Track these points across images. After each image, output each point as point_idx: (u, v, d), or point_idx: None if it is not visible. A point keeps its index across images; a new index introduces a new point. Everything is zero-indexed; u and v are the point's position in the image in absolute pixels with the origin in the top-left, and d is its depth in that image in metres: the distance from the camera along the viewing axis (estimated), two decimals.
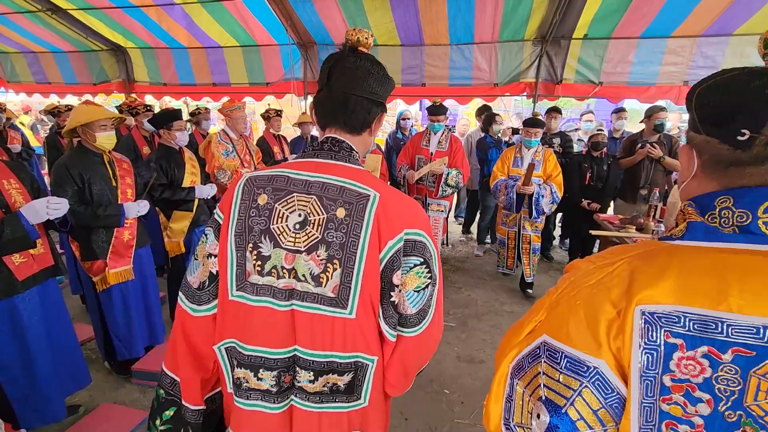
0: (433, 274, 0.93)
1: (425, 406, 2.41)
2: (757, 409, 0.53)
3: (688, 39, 4.02)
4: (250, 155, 3.68)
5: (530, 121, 3.61)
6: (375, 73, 0.93)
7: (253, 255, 0.89)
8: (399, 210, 0.89)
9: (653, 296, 0.56)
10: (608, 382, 0.58)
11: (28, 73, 6.41)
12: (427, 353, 1.02)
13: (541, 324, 0.68)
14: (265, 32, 4.89)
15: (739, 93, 0.58)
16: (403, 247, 0.88)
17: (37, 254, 1.90)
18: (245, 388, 0.94)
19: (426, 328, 0.95)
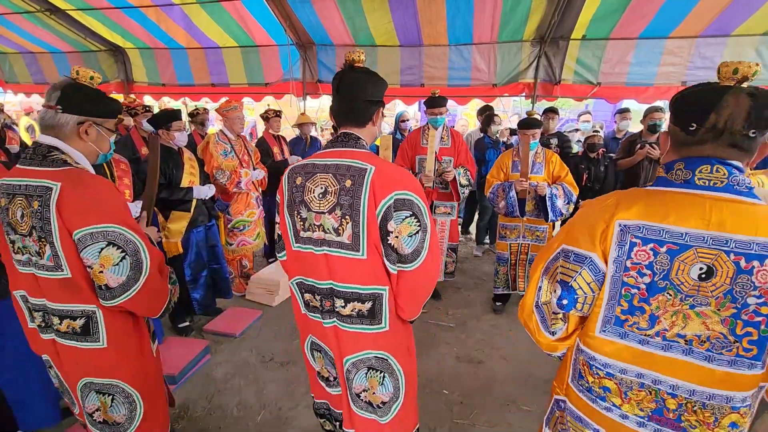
0: (422, 224, 1.26)
1: (424, 406, 2.41)
2: (676, 280, 0.95)
3: (686, 40, 4.03)
4: (248, 155, 3.68)
5: (526, 121, 3.20)
6: (370, 80, 1.32)
7: (298, 218, 1.32)
8: (389, 177, 1.23)
9: (627, 215, 0.98)
10: (597, 266, 1.02)
11: (27, 74, 6.40)
12: (426, 283, 1.35)
13: (561, 239, 1.12)
14: (264, 33, 4.89)
15: (691, 100, 0.96)
16: (395, 204, 1.22)
17: None
18: (311, 306, 1.40)
19: (421, 264, 1.29)
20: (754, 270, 0.88)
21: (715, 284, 0.91)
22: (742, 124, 0.89)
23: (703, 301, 0.93)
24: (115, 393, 1.41)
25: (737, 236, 0.88)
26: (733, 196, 0.91)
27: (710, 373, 0.95)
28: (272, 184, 4.12)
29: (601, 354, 1.06)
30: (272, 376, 2.66)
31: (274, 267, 3.99)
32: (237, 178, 3.49)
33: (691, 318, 0.95)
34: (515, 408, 2.41)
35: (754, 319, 0.90)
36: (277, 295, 3.63)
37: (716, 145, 0.93)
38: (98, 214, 1.24)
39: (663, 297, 0.96)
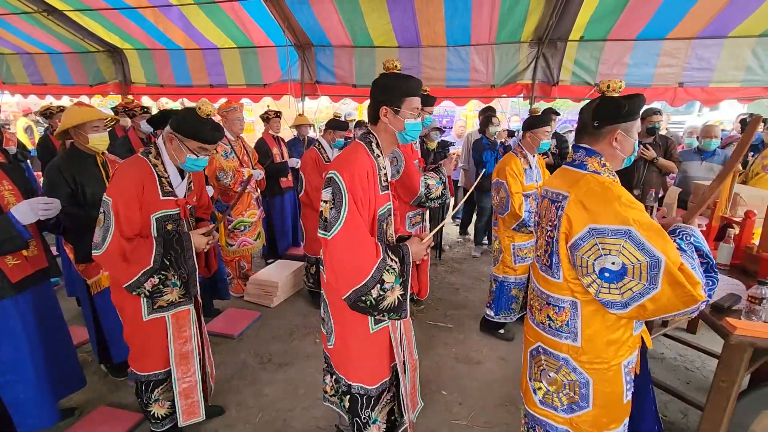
0: (335, 201, 1.41)
1: (423, 407, 2.40)
2: (541, 218, 1.47)
3: (683, 41, 4.05)
4: (248, 156, 3.67)
5: (533, 120, 2.85)
6: (380, 84, 1.51)
7: None
8: (338, 160, 1.51)
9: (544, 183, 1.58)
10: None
11: (24, 75, 6.39)
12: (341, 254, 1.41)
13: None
14: (263, 34, 4.89)
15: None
16: (327, 180, 1.44)
17: (30, 256, 1.89)
18: None
19: (336, 235, 1.39)
20: (550, 208, 1.38)
21: (546, 218, 1.41)
22: (590, 119, 1.36)
23: (543, 231, 1.43)
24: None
25: (552, 189, 1.40)
26: (569, 167, 1.40)
27: (539, 275, 1.46)
28: (270, 185, 4.11)
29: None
30: (270, 378, 2.65)
31: (272, 268, 3.98)
32: (240, 177, 3.49)
33: (541, 240, 1.45)
34: (514, 408, 2.41)
35: (548, 240, 1.38)
36: (276, 296, 3.63)
37: (581, 135, 1.41)
38: (111, 186, 1.69)
39: (539, 229, 1.48)
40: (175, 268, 1.74)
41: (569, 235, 1.28)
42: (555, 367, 1.43)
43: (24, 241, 1.75)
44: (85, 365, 2.66)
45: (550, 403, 1.46)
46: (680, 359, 2.95)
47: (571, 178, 1.33)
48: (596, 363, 1.35)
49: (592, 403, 1.38)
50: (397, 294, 1.47)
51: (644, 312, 1.22)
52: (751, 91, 4.14)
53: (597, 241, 1.21)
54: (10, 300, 1.83)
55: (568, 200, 1.29)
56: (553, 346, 1.42)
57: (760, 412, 1.76)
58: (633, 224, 1.16)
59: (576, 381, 1.39)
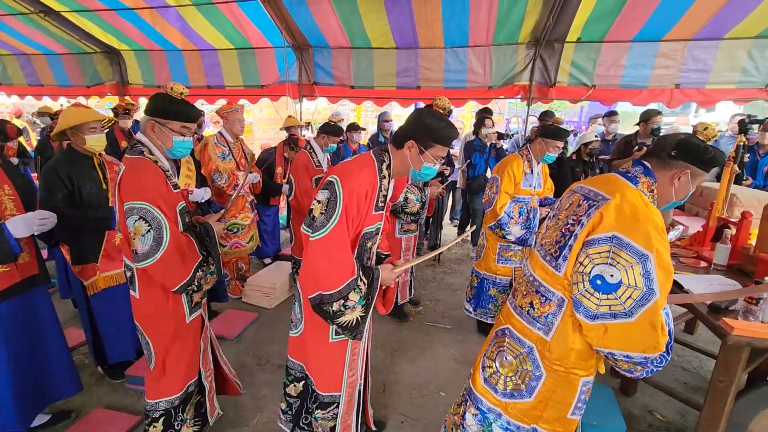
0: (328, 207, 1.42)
1: (422, 408, 2.41)
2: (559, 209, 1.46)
3: (680, 42, 4.07)
4: (245, 158, 3.67)
5: (557, 131, 2.69)
6: (416, 120, 1.49)
7: None
8: (341, 166, 1.53)
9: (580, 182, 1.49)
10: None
11: (21, 75, 6.37)
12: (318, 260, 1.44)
13: None
14: (260, 35, 4.89)
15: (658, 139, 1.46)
16: (325, 183, 1.47)
17: (21, 263, 1.85)
18: None
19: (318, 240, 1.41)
20: (581, 204, 1.33)
21: (567, 212, 1.37)
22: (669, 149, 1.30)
23: (558, 222, 1.40)
24: (139, 335, 1.77)
25: (591, 188, 1.35)
26: (619, 176, 1.35)
27: (538, 262, 1.43)
28: (261, 197, 4.06)
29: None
30: (268, 379, 2.64)
31: (270, 269, 3.97)
32: (235, 180, 3.48)
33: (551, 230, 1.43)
34: None
35: (565, 232, 1.33)
36: (273, 297, 3.62)
37: (651, 157, 1.35)
38: (138, 192, 1.57)
39: (553, 220, 1.45)
40: (213, 256, 1.77)
41: (591, 232, 1.25)
42: (516, 352, 1.43)
43: (13, 255, 1.71)
44: (81, 367, 2.65)
45: (494, 384, 1.47)
46: (678, 359, 2.96)
47: (619, 185, 1.29)
48: (557, 364, 1.34)
49: (535, 396, 1.38)
50: (357, 314, 1.48)
51: (602, 335, 1.20)
52: (747, 93, 4.17)
53: (612, 250, 1.18)
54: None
55: (608, 202, 1.24)
56: (522, 332, 1.43)
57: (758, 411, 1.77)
58: (654, 253, 1.13)
59: (530, 372, 1.39)
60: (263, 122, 8.40)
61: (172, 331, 1.75)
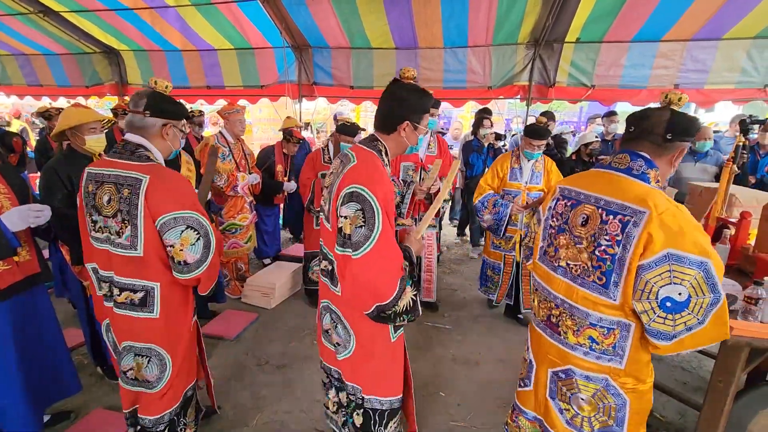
0: (366, 219, 1.35)
1: (421, 409, 2.40)
2: (571, 224, 1.33)
3: (679, 43, 4.08)
4: (245, 159, 3.66)
5: (534, 130, 2.97)
6: (400, 96, 1.48)
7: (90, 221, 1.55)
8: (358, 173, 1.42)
9: (563, 182, 1.45)
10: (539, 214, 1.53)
11: (20, 76, 6.36)
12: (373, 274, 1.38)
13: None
14: (260, 35, 4.89)
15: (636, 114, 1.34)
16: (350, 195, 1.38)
17: (22, 261, 1.85)
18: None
19: (365, 255, 1.35)
20: (609, 222, 1.23)
21: (588, 229, 1.28)
22: (662, 129, 1.25)
23: (581, 241, 1.30)
24: (152, 356, 1.66)
25: (606, 197, 1.26)
26: (623, 175, 1.27)
27: (576, 291, 1.32)
28: (262, 196, 4.04)
29: (536, 275, 1.50)
30: (268, 380, 2.64)
31: (270, 270, 3.97)
32: (234, 181, 3.48)
33: (574, 252, 1.32)
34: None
35: (603, 256, 1.24)
36: (273, 298, 3.62)
37: (640, 142, 1.29)
38: (180, 201, 1.52)
39: (563, 236, 1.36)
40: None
41: (643, 255, 1.15)
42: (591, 390, 1.33)
43: (12, 249, 1.71)
44: (80, 368, 2.65)
45: (579, 426, 1.39)
46: (677, 359, 2.96)
47: (635, 190, 1.21)
48: (638, 383, 1.29)
49: (627, 424, 1.32)
50: (410, 295, 1.46)
51: (680, 346, 1.18)
52: (746, 93, 4.18)
53: (671, 268, 1.11)
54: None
55: (647, 217, 1.14)
56: (591, 369, 1.32)
57: (757, 411, 1.77)
58: (711, 257, 1.09)
59: (612, 404, 1.31)
60: (263, 122, 8.40)
61: (187, 344, 1.75)
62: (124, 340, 1.65)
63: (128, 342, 1.65)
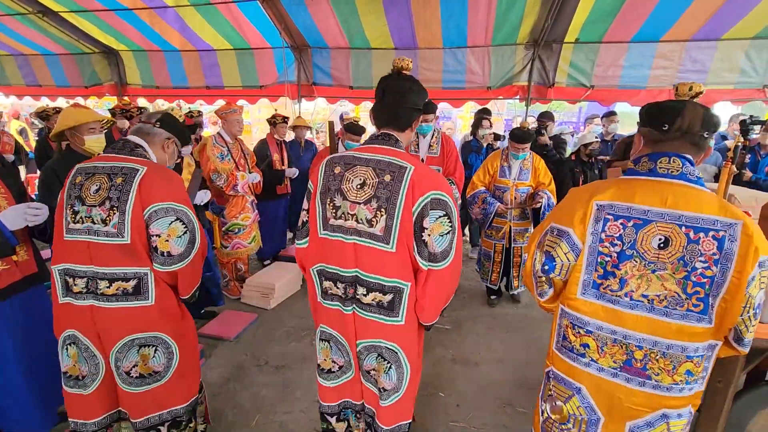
0: (453, 224, 1.36)
1: (421, 409, 2.40)
2: (641, 249, 1.15)
3: (678, 43, 4.09)
4: (245, 158, 3.66)
5: (517, 135, 3.26)
6: (413, 89, 1.43)
7: (330, 206, 1.40)
8: (428, 178, 1.35)
9: (602, 197, 1.21)
10: (573, 240, 1.23)
11: (19, 76, 6.35)
12: (450, 286, 1.46)
13: (549, 219, 1.33)
14: (259, 35, 4.89)
15: (661, 108, 1.21)
16: (431, 203, 1.32)
17: (20, 261, 1.84)
18: (330, 293, 1.48)
19: (449, 264, 1.38)
20: (700, 240, 1.09)
21: (671, 252, 1.12)
22: (699, 126, 1.15)
23: (662, 267, 1.13)
24: (158, 344, 1.62)
25: (687, 213, 1.10)
26: (684, 182, 1.14)
27: (668, 326, 1.14)
28: (264, 190, 4.06)
29: (582, 314, 1.25)
30: (267, 380, 2.64)
31: (269, 270, 3.97)
32: (233, 181, 3.48)
33: (653, 280, 1.14)
34: (511, 410, 2.41)
35: (701, 281, 1.11)
36: (273, 298, 3.61)
37: (680, 143, 1.18)
38: (173, 194, 1.55)
39: (630, 263, 1.16)
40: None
41: (746, 270, 1.07)
42: (680, 427, 1.22)
43: (10, 247, 1.71)
44: None
45: None
46: None
47: (709, 200, 1.11)
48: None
49: None
50: None
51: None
52: (745, 93, 4.19)
53: (762, 274, 1.08)
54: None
55: (741, 228, 1.07)
56: (683, 404, 1.20)
57: (756, 412, 1.77)
58: None
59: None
60: (262, 123, 8.39)
61: (186, 331, 1.75)
62: (121, 338, 1.57)
63: (129, 336, 1.57)
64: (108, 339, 1.57)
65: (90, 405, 1.63)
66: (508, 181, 3.40)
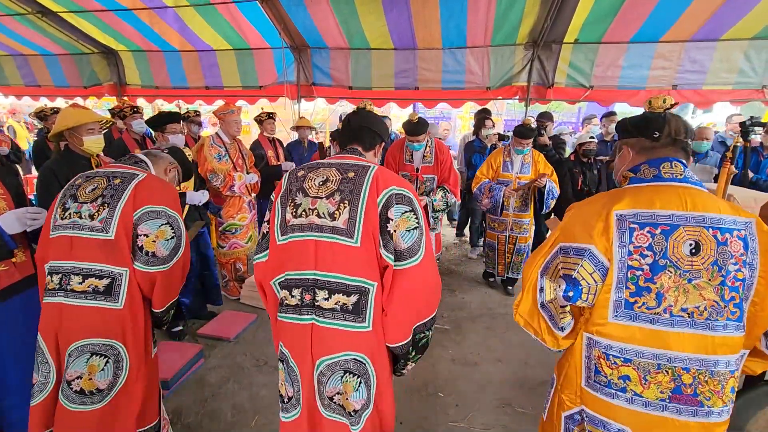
0: (419, 222, 1.29)
1: (420, 410, 2.40)
2: (674, 257, 1.05)
3: (677, 44, 4.09)
4: (243, 159, 3.66)
5: (521, 132, 3.53)
6: (377, 119, 1.55)
7: (291, 206, 1.32)
8: (392, 177, 1.33)
9: (620, 206, 1.10)
10: (597, 257, 1.10)
11: (18, 76, 6.33)
12: (422, 296, 1.30)
13: (556, 239, 1.21)
14: (258, 36, 4.88)
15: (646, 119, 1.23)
16: (395, 196, 1.27)
17: (19, 262, 1.84)
18: (286, 305, 1.33)
19: (418, 264, 1.26)
20: (728, 242, 1.04)
21: (703, 257, 1.05)
22: (684, 134, 1.18)
23: (697, 274, 1.04)
24: (110, 356, 1.50)
25: (710, 215, 1.06)
26: (690, 185, 1.12)
27: (711, 340, 1.04)
28: (265, 188, 4.08)
29: (617, 340, 1.09)
30: (267, 381, 2.64)
31: None
32: (230, 181, 3.48)
33: (690, 291, 1.05)
34: (510, 410, 2.41)
35: (735, 285, 1.04)
36: None
37: (673, 149, 1.18)
38: (167, 200, 1.60)
39: (666, 275, 1.05)
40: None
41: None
42: None
43: (8, 250, 1.72)
44: None
45: None
46: None
47: (718, 200, 1.10)
48: None
49: None
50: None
51: None
52: (744, 93, 4.19)
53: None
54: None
55: (756, 226, 1.07)
56: (726, 426, 1.11)
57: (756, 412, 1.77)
58: None
59: None
60: None
61: (146, 348, 1.61)
62: (77, 340, 1.47)
63: (84, 340, 1.47)
64: (65, 340, 1.48)
65: (31, 419, 1.50)
66: (511, 174, 3.68)
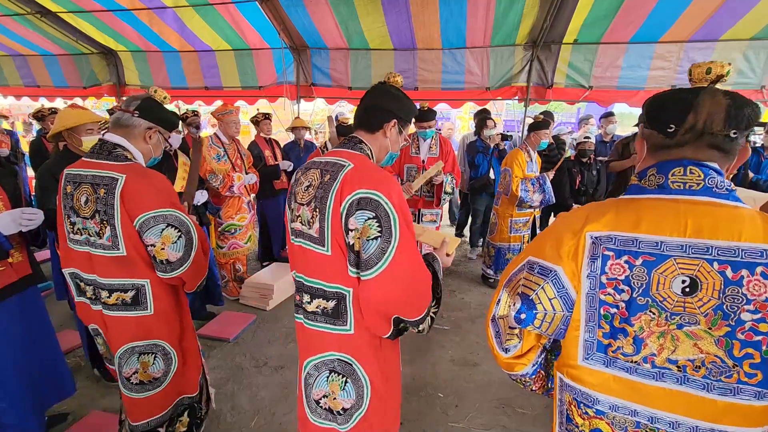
0: (383, 230, 1.13)
1: (420, 410, 2.40)
2: (657, 296, 0.82)
3: (676, 44, 4.09)
4: (241, 159, 3.66)
5: (541, 124, 3.64)
6: (390, 93, 1.33)
7: (289, 209, 1.34)
8: (361, 175, 1.17)
9: (597, 226, 0.88)
10: (561, 282, 0.91)
11: (17, 76, 6.33)
12: (386, 308, 1.19)
13: (527, 252, 1.01)
14: (258, 36, 4.88)
15: (667, 101, 0.89)
16: (358, 201, 1.13)
17: (15, 263, 1.84)
18: (295, 304, 1.38)
19: (377, 276, 1.13)
20: (743, 280, 0.76)
21: (701, 299, 0.79)
22: (722, 124, 0.82)
23: (692, 320, 0.80)
24: (157, 352, 1.64)
25: (718, 242, 0.78)
26: (711, 199, 0.82)
27: (711, 404, 0.80)
28: (263, 188, 4.08)
29: (588, 387, 0.91)
30: (266, 381, 2.63)
31: (268, 271, 3.96)
32: (230, 182, 3.48)
33: (681, 339, 0.81)
34: (510, 410, 2.41)
35: (753, 339, 0.77)
36: (271, 299, 3.61)
37: (696, 147, 0.85)
38: (157, 200, 1.49)
39: (646, 316, 0.83)
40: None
41: None
42: None
43: (4, 251, 1.71)
44: (77, 370, 2.64)
45: None
46: None
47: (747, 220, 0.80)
48: None
49: None
50: (432, 311, 1.27)
51: None
52: (743, 94, 4.18)
53: None
54: None
55: None
56: None
57: None
58: None
59: None
60: None
61: (182, 326, 1.74)
62: (123, 344, 1.59)
63: (129, 344, 1.60)
64: (113, 343, 1.61)
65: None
66: (532, 174, 3.77)
